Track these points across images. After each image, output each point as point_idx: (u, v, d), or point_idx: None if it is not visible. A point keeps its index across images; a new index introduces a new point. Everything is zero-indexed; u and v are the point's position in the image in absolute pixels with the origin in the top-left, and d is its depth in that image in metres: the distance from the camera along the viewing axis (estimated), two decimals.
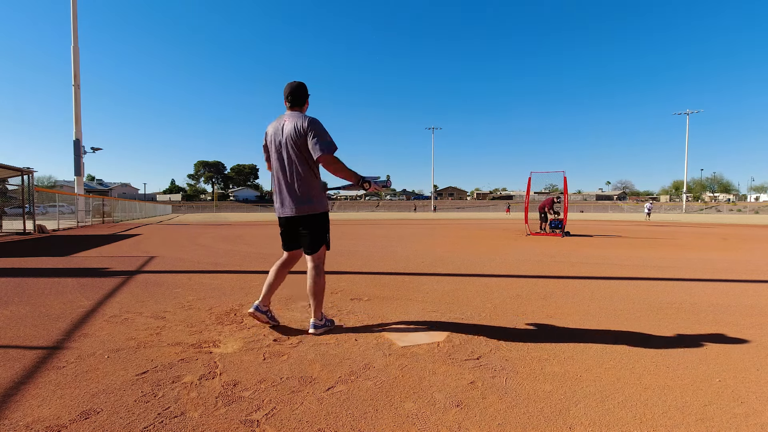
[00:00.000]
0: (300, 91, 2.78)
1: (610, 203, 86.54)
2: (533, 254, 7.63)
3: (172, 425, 1.63)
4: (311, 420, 1.68)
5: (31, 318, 3.14)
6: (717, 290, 4.35)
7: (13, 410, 1.73)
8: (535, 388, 1.98)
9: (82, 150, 21.09)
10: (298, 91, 2.77)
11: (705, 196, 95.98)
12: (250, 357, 2.35)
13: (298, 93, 2.77)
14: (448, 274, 5.32)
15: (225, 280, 4.86)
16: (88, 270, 5.63)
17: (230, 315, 3.25)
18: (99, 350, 2.45)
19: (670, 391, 1.96)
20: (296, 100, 2.77)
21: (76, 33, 21.25)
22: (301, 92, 2.78)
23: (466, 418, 1.71)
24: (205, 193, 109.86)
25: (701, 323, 3.10)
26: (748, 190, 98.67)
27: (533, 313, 3.38)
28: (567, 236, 12.04)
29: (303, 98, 2.79)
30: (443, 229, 16.54)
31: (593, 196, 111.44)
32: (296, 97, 2.76)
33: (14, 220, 14.35)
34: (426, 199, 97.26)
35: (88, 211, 19.85)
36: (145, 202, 43.32)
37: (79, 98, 21.16)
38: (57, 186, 56.97)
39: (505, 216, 40.84)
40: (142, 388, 1.94)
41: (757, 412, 1.77)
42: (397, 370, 2.18)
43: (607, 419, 1.70)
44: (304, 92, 2.80)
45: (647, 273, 5.50)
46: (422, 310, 3.46)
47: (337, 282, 4.67)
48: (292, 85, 2.78)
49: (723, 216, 45.22)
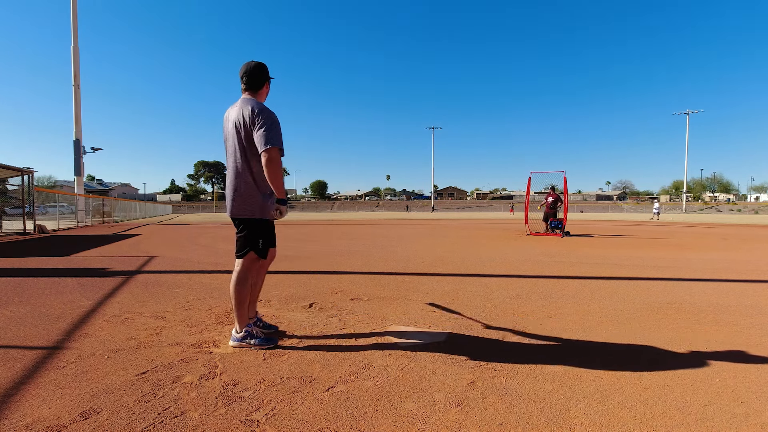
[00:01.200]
0: (256, 71, 2.46)
1: (610, 203, 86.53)
2: (533, 254, 7.63)
3: (172, 425, 1.63)
4: (311, 420, 1.68)
5: (31, 318, 3.14)
6: (717, 290, 4.35)
7: (13, 410, 1.73)
8: (535, 388, 1.98)
9: (82, 150, 21.07)
10: (254, 72, 2.45)
11: (705, 196, 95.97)
12: (250, 357, 2.35)
13: (254, 74, 2.45)
14: (448, 274, 5.32)
15: (225, 280, 4.86)
16: (88, 270, 5.63)
17: (230, 315, 3.25)
18: (99, 350, 2.45)
19: (670, 391, 1.96)
20: (251, 82, 2.46)
21: (76, 33, 21.24)
22: (256, 73, 2.45)
23: (466, 418, 1.71)
24: (205, 193, 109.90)
25: (701, 323, 3.10)
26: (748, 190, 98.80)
27: (533, 313, 3.38)
28: (567, 236, 12.04)
29: (259, 81, 2.47)
30: (443, 229, 16.54)
31: (593, 196, 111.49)
32: (251, 78, 2.46)
33: (14, 220, 14.34)
34: (426, 199, 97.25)
35: (88, 211, 19.84)
36: (145, 202, 43.28)
37: (79, 98, 21.15)
38: (57, 186, 56.97)
39: (507, 216, 40.82)
40: (142, 388, 1.94)
41: (757, 412, 1.77)
42: (397, 370, 2.18)
43: (607, 419, 1.70)
44: (262, 74, 2.47)
45: (647, 273, 5.50)
46: (422, 310, 3.46)
47: (337, 282, 4.67)
48: (249, 65, 2.47)
49: (723, 216, 45.20)
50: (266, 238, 2.55)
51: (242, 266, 2.51)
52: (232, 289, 2.50)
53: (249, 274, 2.53)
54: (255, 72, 2.47)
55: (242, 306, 2.50)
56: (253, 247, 2.49)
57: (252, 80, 2.47)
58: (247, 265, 2.52)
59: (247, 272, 2.52)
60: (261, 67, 2.49)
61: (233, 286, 2.49)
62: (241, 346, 2.49)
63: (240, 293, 2.48)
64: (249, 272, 2.53)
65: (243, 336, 2.49)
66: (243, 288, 2.49)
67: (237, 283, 2.48)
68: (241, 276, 2.50)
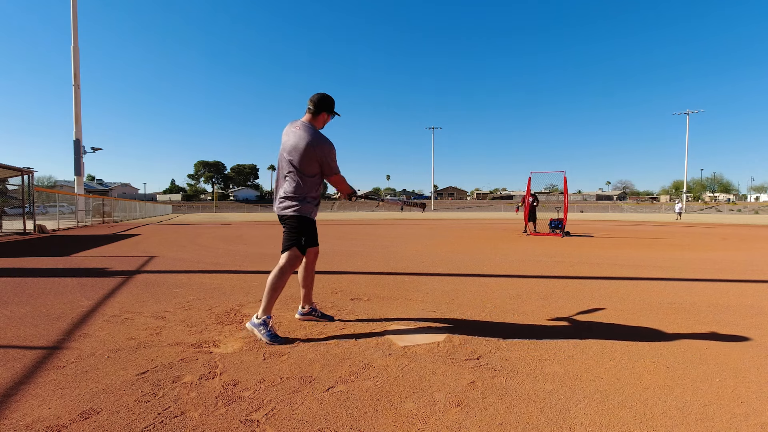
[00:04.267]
0: (319, 101, 2.80)
1: (610, 203, 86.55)
2: (533, 254, 7.63)
3: (172, 425, 1.63)
4: (311, 420, 1.68)
5: (31, 318, 3.14)
6: (717, 290, 4.35)
7: (13, 410, 1.73)
8: (535, 388, 1.98)
9: (82, 150, 21.09)
10: (316, 100, 2.80)
11: (705, 196, 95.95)
12: (250, 357, 2.35)
13: (315, 102, 2.80)
14: (448, 274, 5.33)
15: (225, 280, 4.86)
16: (88, 270, 5.64)
17: (230, 315, 3.25)
18: (99, 350, 2.45)
19: (670, 391, 1.97)
20: (313, 108, 2.80)
21: (76, 33, 21.25)
22: (319, 103, 2.80)
23: (466, 418, 1.71)
24: (205, 193, 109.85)
25: (701, 323, 3.10)
26: (748, 190, 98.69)
27: (533, 313, 3.38)
28: (567, 236, 12.04)
29: (318, 109, 2.80)
30: (443, 229, 16.54)
31: (593, 196, 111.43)
32: (314, 105, 2.80)
33: (14, 220, 14.36)
34: (426, 199, 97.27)
35: (88, 211, 19.85)
36: (145, 202, 43.28)
37: (79, 98, 21.16)
38: (57, 186, 56.98)
39: (508, 216, 40.80)
40: (142, 388, 1.94)
41: (757, 412, 1.77)
42: (397, 370, 2.18)
43: (607, 419, 1.70)
44: (323, 104, 2.81)
45: (647, 273, 5.50)
46: (422, 310, 3.46)
47: (337, 282, 4.68)
48: (318, 94, 2.83)
49: (723, 216, 45.22)
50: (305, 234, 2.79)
51: (284, 260, 2.74)
52: (270, 278, 2.71)
53: (290, 267, 2.76)
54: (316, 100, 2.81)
55: (274, 296, 2.69)
56: (295, 242, 2.76)
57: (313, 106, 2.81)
58: (291, 257, 2.75)
59: (289, 265, 2.75)
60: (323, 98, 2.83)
61: (273, 275, 2.71)
62: (252, 331, 2.66)
63: (276, 284, 2.69)
64: (291, 265, 2.76)
65: (259, 324, 2.65)
66: (281, 280, 2.70)
67: (278, 272, 2.71)
68: (284, 267, 2.73)
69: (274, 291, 2.68)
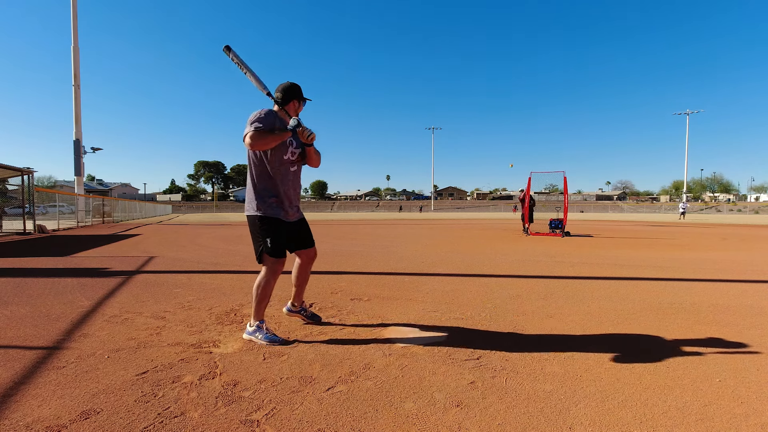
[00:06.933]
0: (285, 90, 2.64)
1: (610, 203, 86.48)
2: (533, 254, 7.63)
3: (172, 425, 1.63)
4: (311, 420, 1.68)
5: (31, 318, 3.14)
6: (717, 290, 4.35)
7: (13, 410, 1.73)
8: (535, 388, 1.98)
9: (82, 150, 21.09)
10: (282, 89, 2.65)
11: (705, 196, 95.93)
12: (250, 357, 2.35)
13: (281, 91, 2.64)
14: (448, 274, 5.32)
15: (225, 280, 4.86)
16: (88, 270, 5.63)
17: (230, 315, 3.25)
18: (99, 350, 2.45)
19: (670, 391, 1.96)
20: (280, 97, 2.64)
21: (76, 33, 21.24)
22: (285, 92, 2.64)
23: (466, 418, 1.71)
24: (205, 193, 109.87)
25: (701, 323, 3.10)
26: (748, 190, 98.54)
27: (533, 313, 3.38)
28: (567, 236, 12.04)
29: (285, 98, 2.64)
30: (443, 229, 16.54)
31: (593, 196, 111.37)
32: (280, 94, 2.64)
33: (14, 220, 14.34)
34: (426, 199, 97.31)
35: (88, 211, 19.85)
36: (145, 202, 43.26)
37: (79, 98, 21.16)
38: (57, 186, 56.95)
39: (507, 216, 40.79)
40: (142, 388, 1.94)
41: (757, 412, 1.77)
42: (397, 370, 2.18)
43: (607, 419, 1.70)
44: (289, 93, 2.65)
45: (647, 273, 5.50)
46: (422, 310, 3.46)
47: (337, 282, 4.68)
48: (284, 83, 2.69)
49: (723, 216, 45.20)
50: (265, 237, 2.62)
51: (263, 272, 2.65)
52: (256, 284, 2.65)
53: (273, 276, 2.65)
54: (282, 89, 2.66)
55: (262, 303, 2.63)
56: (260, 246, 2.63)
57: (280, 95, 2.65)
58: (267, 264, 2.64)
59: (269, 270, 2.64)
60: (289, 87, 2.67)
61: (258, 280, 2.64)
62: (250, 339, 2.61)
63: (261, 289, 2.62)
64: (272, 271, 2.64)
65: (253, 330, 2.61)
66: (264, 286, 2.62)
67: (261, 277, 2.64)
68: (265, 274, 2.64)
69: (260, 302, 2.60)
